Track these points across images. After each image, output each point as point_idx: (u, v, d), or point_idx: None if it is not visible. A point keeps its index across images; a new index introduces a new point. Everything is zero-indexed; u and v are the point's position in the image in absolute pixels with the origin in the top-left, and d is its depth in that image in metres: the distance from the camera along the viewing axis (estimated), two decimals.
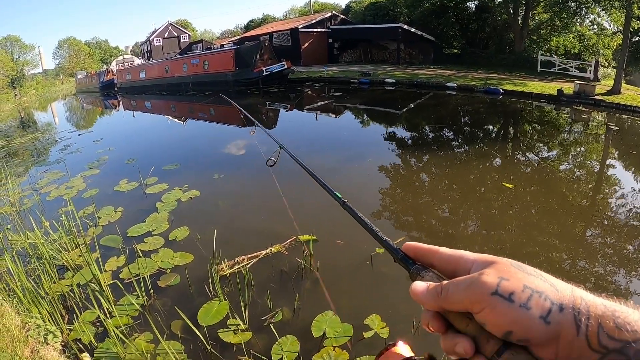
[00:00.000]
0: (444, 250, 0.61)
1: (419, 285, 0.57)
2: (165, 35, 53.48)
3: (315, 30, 33.06)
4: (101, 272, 4.95)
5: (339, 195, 0.99)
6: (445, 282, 0.55)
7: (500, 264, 0.52)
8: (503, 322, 0.48)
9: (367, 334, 3.83)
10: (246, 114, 3.44)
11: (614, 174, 8.89)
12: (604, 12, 23.40)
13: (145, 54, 55.13)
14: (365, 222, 0.79)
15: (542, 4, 26.43)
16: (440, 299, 0.53)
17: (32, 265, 5.23)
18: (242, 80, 24.87)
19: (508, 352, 0.48)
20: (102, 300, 4.16)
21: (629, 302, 0.47)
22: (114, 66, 43.62)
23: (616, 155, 10.62)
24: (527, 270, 0.51)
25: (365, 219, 0.80)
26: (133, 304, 4.35)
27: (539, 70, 23.84)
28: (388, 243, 0.70)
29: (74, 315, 4.33)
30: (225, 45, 29.89)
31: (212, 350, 3.75)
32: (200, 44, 32.20)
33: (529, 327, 0.47)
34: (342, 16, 37.08)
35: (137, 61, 47.67)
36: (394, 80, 22.77)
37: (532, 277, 0.50)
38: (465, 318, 0.52)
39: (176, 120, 19.90)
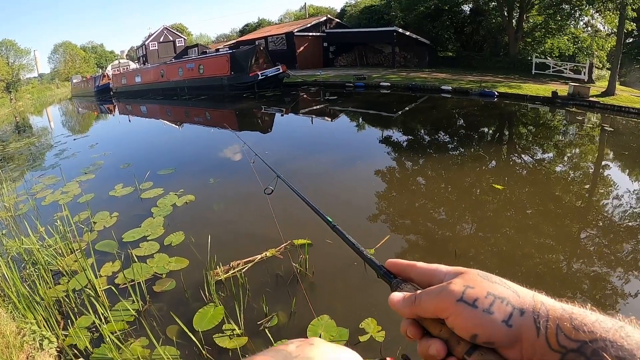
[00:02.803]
0: (421, 264, 0.66)
1: (396, 295, 0.62)
2: (161, 40, 53.53)
3: (310, 34, 33.11)
4: (96, 278, 4.93)
5: (330, 219, 1.07)
6: (418, 291, 0.60)
7: (467, 273, 0.57)
8: (468, 326, 0.51)
9: (363, 338, 3.83)
10: (249, 146, 3.61)
11: (609, 175, 8.94)
12: (597, 14, 23.58)
13: (141, 58, 55.23)
14: (353, 243, 0.86)
15: (536, 6, 26.57)
16: (414, 306, 0.58)
17: (28, 271, 5.21)
18: (237, 84, 24.85)
19: (477, 353, 0.52)
20: (98, 306, 4.15)
21: (587, 305, 0.49)
22: (109, 70, 43.59)
23: (611, 157, 10.67)
24: (492, 279, 0.55)
25: (353, 240, 0.87)
26: (128, 309, 4.34)
27: (533, 73, 23.96)
28: (372, 261, 0.76)
29: (70, 320, 4.32)
30: (220, 50, 29.86)
31: (207, 355, 3.75)
32: (196, 48, 32.25)
33: (492, 330, 0.50)
34: (337, 20, 37.17)
35: (133, 65, 47.72)
36: (389, 84, 22.84)
37: (496, 284, 0.54)
38: (438, 324, 0.56)
39: (171, 124, 19.87)
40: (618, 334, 0.44)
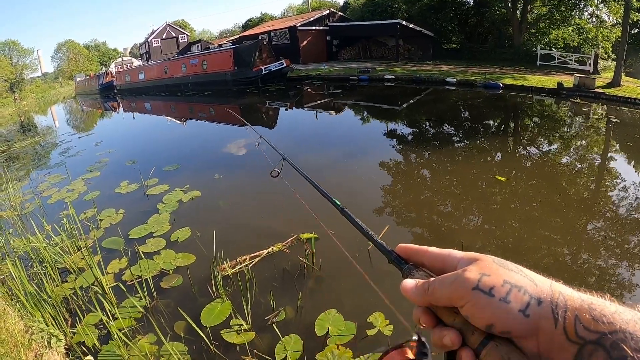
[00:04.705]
0: (433, 249, 0.64)
1: (409, 283, 0.60)
2: (164, 36, 53.46)
3: (313, 28, 33.02)
4: (103, 275, 4.94)
5: (338, 202, 1.05)
6: (432, 279, 0.58)
7: (483, 260, 0.55)
8: (484, 315, 0.50)
9: (370, 332, 3.82)
10: (252, 129, 3.65)
11: (615, 167, 8.86)
12: (602, 4, 23.38)
13: (144, 55, 55.17)
14: (362, 227, 0.84)
15: None
16: (428, 294, 0.57)
17: (35, 269, 5.23)
18: (241, 79, 24.86)
19: (492, 343, 0.51)
20: (105, 303, 4.15)
21: (606, 294, 0.48)
22: (113, 68, 43.63)
23: (617, 148, 10.58)
24: (508, 266, 0.54)
25: (362, 223, 0.85)
26: (136, 306, 4.35)
27: (538, 64, 23.78)
28: (382, 245, 0.73)
29: (77, 318, 4.33)
30: (223, 45, 29.85)
31: (215, 350, 3.75)
32: (199, 44, 32.25)
33: (509, 320, 0.49)
34: (340, 13, 37.08)
35: (136, 63, 47.71)
36: (393, 77, 22.72)
37: (512, 272, 0.53)
38: (452, 312, 0.55)
39: (176, 120, 19.90)
40: (638, 326, 0.43)
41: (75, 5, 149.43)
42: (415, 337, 0.62)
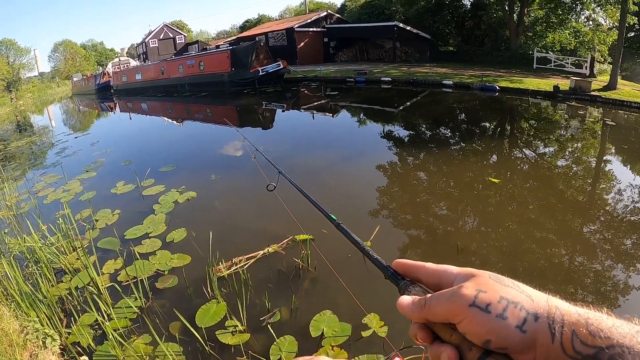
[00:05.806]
0: (429, 265, 0.63)
1: (405, 299, 0.59)
2: (161, 37, 53.45)
3: (310, 29, 33.02)
4: (99, 275, 4.94)
5: (334, 217, 1.04)
6: (428, 295, 0.57)
7: (479, 276, 0.55)
8: (481, 331, 0.50)
9: (365, 333, 3.83)
10: (249, 142, 3.71)
11: (611, 169, 8.91)
12: (599, 8, 23.43)
13: (141, 55, 55.15)
14: (358, 242, 0.84)
15: (537, 0, 26.42)
16: (424, 311, 0.56)
17: (30, 269, 5.22)
18: (238, 80, 24.85)
19: (489, 358, 0.50)
20: (100, 303, 4.15)
21: (603, 308, 0.48)
22: (110, 68, 43.60)
23: (613, 151, 10.63)
24: (504, 282, 0.53)
25: (358, 239, 0.85)
26: (131, 307, 4.35)
27: (535, 67, 23.83)
28: (379, 261, 0.73)
29: (72, 318, 4.33)
30: (221, 46, 29.84)
31: (210, 351, 3.76)
32: (196, 45, 32.09)
33: (506, 336, 0.49)
34: (337, 15, 37.10)
35: (133, 63, 47.71)
36: (390, 79, 22.79)
37: (508, 288, 0.52)
38: (449, 328, 0.55)
39: (172, 121, 19.87)
40: (635, 340, 0.43)
41: (72, 5, 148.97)
42: (397, 358, 0.62)
